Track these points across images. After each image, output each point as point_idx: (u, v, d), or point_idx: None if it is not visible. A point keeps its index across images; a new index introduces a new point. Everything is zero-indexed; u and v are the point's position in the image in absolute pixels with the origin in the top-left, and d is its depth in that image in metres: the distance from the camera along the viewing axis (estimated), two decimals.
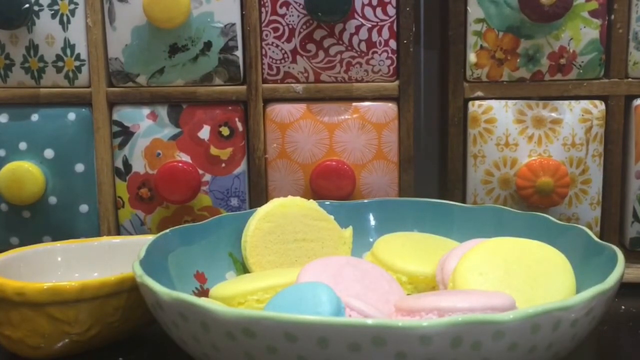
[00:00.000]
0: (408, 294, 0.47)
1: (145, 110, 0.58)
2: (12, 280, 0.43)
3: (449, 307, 0.36)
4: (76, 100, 0.58)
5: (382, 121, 0.57)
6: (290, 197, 0.52)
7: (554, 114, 0.56)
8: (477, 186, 0.57)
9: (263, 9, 0.56)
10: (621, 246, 0.57)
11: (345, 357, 0.33)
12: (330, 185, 0.56)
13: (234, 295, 0.43)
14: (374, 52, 0.56)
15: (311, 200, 0.52)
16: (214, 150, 0.57)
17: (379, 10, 0.56)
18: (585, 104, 0.56)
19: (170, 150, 0.57)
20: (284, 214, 0.51)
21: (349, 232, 0.53)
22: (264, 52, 0.57)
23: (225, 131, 0.57)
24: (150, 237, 0.51)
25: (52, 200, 0.58)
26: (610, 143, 0.56)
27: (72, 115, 0.58)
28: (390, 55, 0.56)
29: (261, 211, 0.50)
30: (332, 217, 0.52)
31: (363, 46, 0.56)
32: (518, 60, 0.55)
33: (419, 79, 0.73)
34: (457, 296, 0.37)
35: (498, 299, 0.36)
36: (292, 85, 0.57)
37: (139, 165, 0.58)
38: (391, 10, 0.56)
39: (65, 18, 0.57)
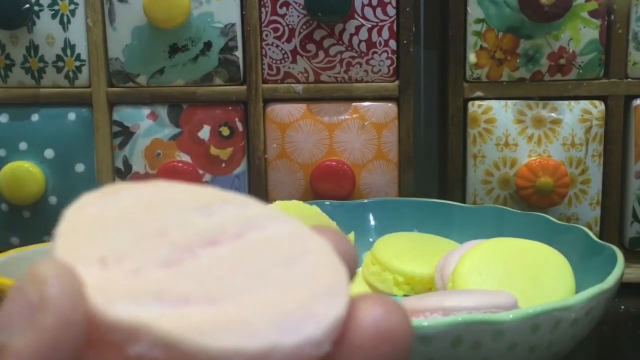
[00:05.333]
0: (404, 295, 0.47)
1: (146, 110, 0.58)
2: (12, 280, 0.43)
3: (453, 306, 0.36)
4: (76, 100, 0.58)
5: (382, 121, 0.57)
6: (293, 201, 0.52)
7: (553, 114, 0.56)
8: (477, 186, 0.57)
9: (263, 9, 0.56)
10: (621, 246, 0.57)
11: None
12: (330, 185, 0.56)
13: None
14: (374, 52, 0.56)
15: (314, 206, 0.52)
16: (214, 150, 0.57)
17: (379, 10, 0.56)
18: (585, 104, 0.56)
19: (170, 150, 0.57)
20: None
21: (350, 236, 0.53)
22: (264, 52, 0.57)
23: (225, 131, 0.57)
24: None
25: (52, 200, 0.58)
26: (610, 143, 0.56)
27: (72, 116, 0.58)
28: (390, 55, 0.56)
29: None
30: (334, 222, 0.52)
31: (363, 46, 0.56)
32: (518, 60, 0.55)
33: (419, 79, 0.73)
34: (461, 295, 0.37)
35: (502, 298, 0.36)
36: (292, 85, 0.57)
37: (139, 165, 0.58)
38: (391, 11, 0.56)
39: (65, 18, 0.57)
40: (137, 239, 0.19)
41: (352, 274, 0.20)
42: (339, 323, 0.18)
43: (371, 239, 0.54)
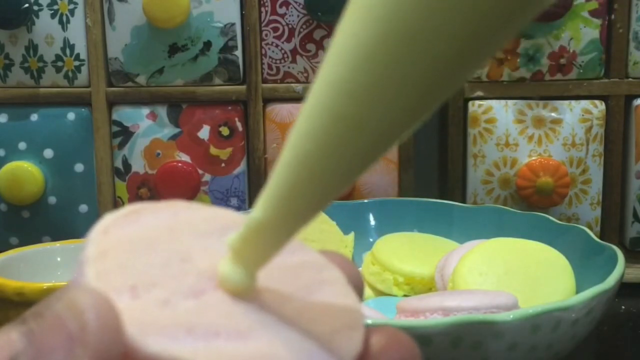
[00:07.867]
0: (404, 295, 0.47)
1: (145, 110, 0.58)
2: (12, 280, 0.43)
3: (453, 307, 0.36)
4: (76, 100, 0.58)
5: None
6: None
7: (554, 114, 0.56)
8: (477, 186, 0.57)
9: (263, 9, 0.56)
10: (621, 246, 0.57)
11: None
12: None
13: None
14: None
15: None
16: (213, 150, 0.57)
17: None
18: (585, 103, 0.56)
19: (170, 150, 0.57)
20: None
21: (350, 236, 0.53)
22: (263, 52, 0.57)
23: (225, 131, 0.57)
24: None
25: (52, 200, 0.58)
26: (610, 143, 0.56)
27: (71, 115, 0.58)
28: None
29: None
30: (334, 222, 0.52)
31: None
32: (518, 60, 0.55)
33: None
34: (461, 296, 0.37)
35: (502, 298, 0.36)
36: (292, 85, 0.57)
37: (139, 165, 0.58)
38: None
39: (64, 18, 0.57)
40: (163, 266, 0.19)
41: (360, 297, 0.21)
42: (358, 356, 0.19)
43: (371, 239, 0.54)
